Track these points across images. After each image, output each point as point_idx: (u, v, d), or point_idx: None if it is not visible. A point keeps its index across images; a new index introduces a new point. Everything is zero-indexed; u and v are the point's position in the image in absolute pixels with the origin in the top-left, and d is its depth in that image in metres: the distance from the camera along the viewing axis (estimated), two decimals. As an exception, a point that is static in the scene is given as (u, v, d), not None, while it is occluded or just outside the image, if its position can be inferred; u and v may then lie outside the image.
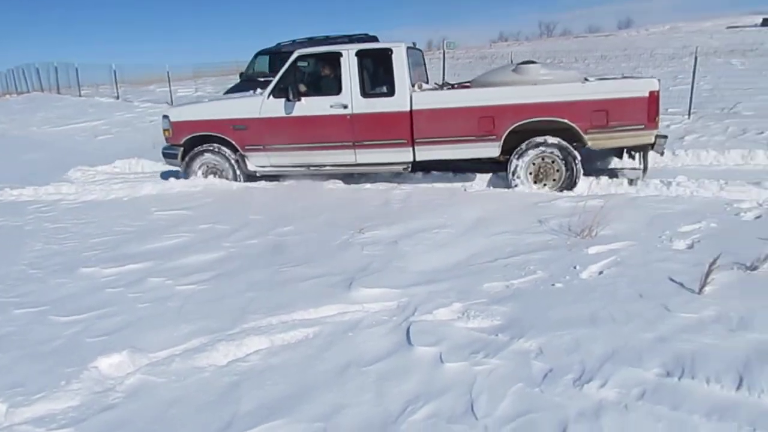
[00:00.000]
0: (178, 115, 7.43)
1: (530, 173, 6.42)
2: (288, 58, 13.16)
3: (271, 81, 11.82)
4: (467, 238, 4.72)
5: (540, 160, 6.38)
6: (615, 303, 3.36)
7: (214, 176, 7.30)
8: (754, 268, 3.66)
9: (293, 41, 13.83)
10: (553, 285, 3.70)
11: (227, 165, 7.22)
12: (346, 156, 6.89)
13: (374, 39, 15.01)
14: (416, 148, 6.67)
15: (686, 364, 2.66)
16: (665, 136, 6.57)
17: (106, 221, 5.87)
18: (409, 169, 6.83)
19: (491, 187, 6.55)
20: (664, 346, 2.83)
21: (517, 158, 6.36)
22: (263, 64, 13.15)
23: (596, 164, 7.31)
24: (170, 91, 16.20)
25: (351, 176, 7.22)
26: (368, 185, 6.93)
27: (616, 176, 6.79)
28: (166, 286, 3.97)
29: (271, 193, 6.81)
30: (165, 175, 8.02)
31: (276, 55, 13.29)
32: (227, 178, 7.24)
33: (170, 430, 2.40)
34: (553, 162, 6.37)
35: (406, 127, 6.60)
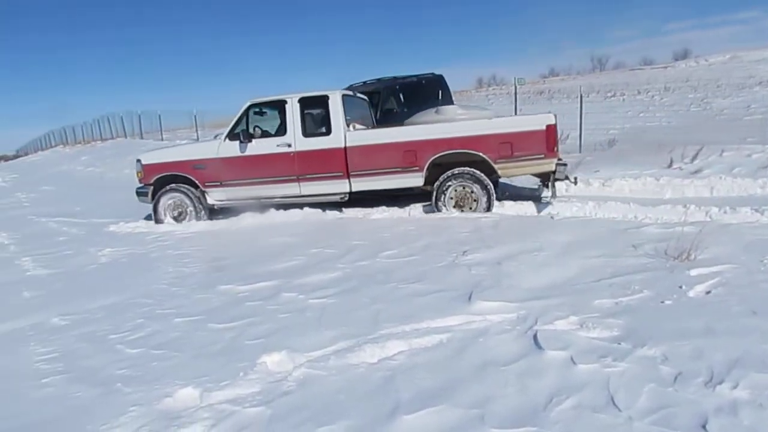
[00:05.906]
0: (148, 159, 8.48)
1: (452, 199, 7.26)
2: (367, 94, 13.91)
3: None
4: (565, 260, 4.94)
5: (459, 188, 7.27)
6: (729, 318, 3.52)
7: (179, 212, 8.29)
8: None
9: (364, 82, 14.56)
10: (662, 302, 3.87)
11: (188, 200, 8.17)
12: (291, 188, 7.82)
13: (441, 78, 15.54)
14: (351, 179, 7.64)
15: (812, 371, 2.82)
16: (565, 164, 7.37)
17: (220, 248, 6.42)
18: (347, 198, 7.66)
19: (581, 215, 6.76)
20: (788, 356, 2.99)
21: (439, 188, 7.28)
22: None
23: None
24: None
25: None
26: (455, 213, 7.28)
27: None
28: (299, 300, 4.38)
29: (365, 223, 7.23)
30: (260, 208, 8.66)
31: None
32: (189, 211, 8.22)
33: (345, 411, 2.73)
34: (467, 189, 7.22)
35: (342, 162, 7.54)
